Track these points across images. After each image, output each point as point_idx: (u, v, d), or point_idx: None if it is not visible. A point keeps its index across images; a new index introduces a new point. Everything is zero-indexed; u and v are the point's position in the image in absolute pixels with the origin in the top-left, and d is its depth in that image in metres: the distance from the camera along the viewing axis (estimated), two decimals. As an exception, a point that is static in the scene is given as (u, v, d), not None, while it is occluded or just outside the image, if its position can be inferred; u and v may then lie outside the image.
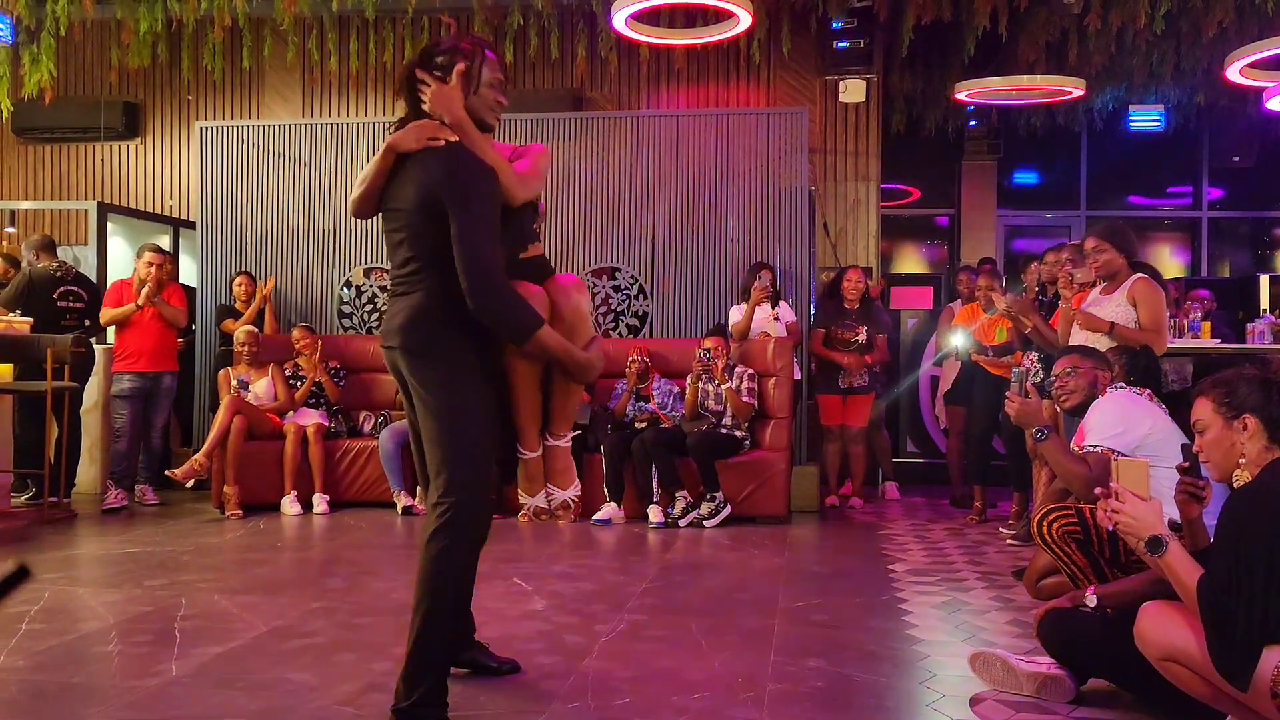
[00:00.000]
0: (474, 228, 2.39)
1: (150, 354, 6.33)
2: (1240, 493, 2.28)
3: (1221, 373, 2.45)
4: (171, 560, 4.63)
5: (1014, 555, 4.83)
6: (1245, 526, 2.14)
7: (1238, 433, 2.33)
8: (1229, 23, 7.15)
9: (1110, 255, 4.38)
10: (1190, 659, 2.22)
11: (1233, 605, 2.09)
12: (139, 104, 8.85)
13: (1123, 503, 2.32)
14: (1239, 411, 2.33)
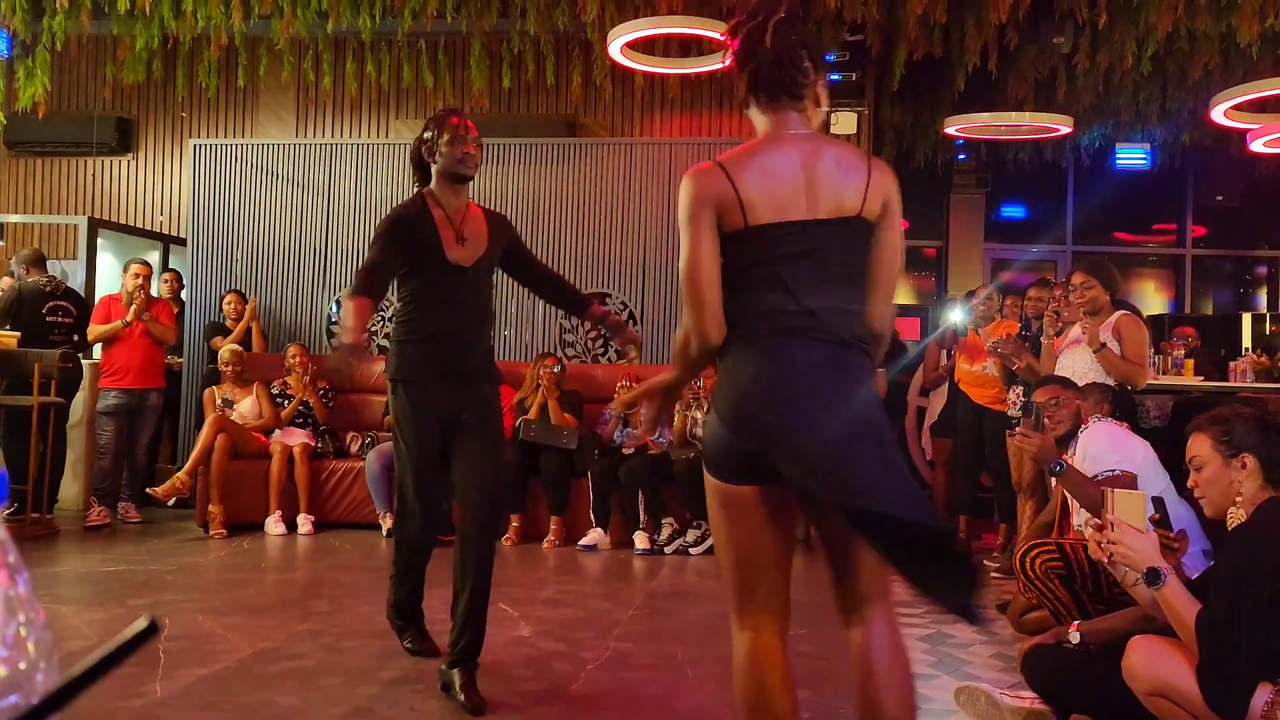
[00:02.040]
0: None
1: (137, 371, 6.31)
2: (1239, 532, 2.31)
3: (1218, 410, 2.48)
4: (155, 579, 4.61)
5: (998, 588, 4.85)
6: (1245, 565, 2.17)
7: (1236, 471, 2.36)
8: (1214, 65, 7.27)
9: (1097, 291, 4.45)
10: (1179, 694, 2.24)
11: (1232, 640, 2.12)
12: (132, 120, 8.86)
13: (1120, 534, 2.34)
14: (1238, 450, 2.35)
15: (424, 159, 3.17)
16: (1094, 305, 4.47)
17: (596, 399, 6.41)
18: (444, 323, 3.13)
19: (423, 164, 3.19)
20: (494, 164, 7.34)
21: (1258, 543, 2.21)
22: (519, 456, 5.88)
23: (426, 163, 3.16)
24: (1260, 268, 11.05)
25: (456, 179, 3.12)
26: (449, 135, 3.07)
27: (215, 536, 5.79)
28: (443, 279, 3.11)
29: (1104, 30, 6.75)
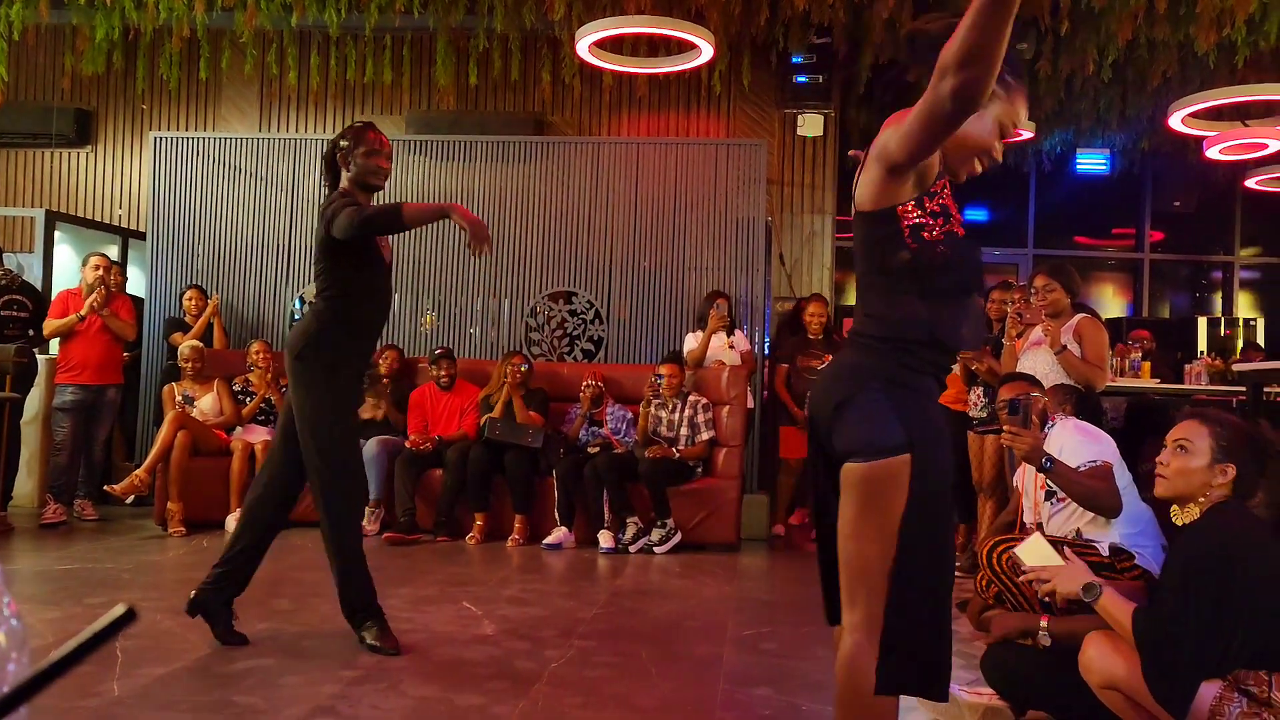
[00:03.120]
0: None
1: (95, 366, 6.22)
2: (1190, 530, 2.36)
3: (1222, 413, 2.53)
4: (112, 578, 4.54)
5: (959, 586, 4.90)
6: (1193, 564, 2.22)
7: (1216, 476, 2.38)
8: (1172, 73, 7.40)
9: (1058, 294, 4.53)
10: (1130, 688, 2.28)
11: (1177, 636, 2.16)
12: (91, 111, 8.72)
13: (1047, 577, 2.50)
14: (1228, 457, 2.38)
15: (337, 164, 3.43)
16: (1055, 308, 4.55)
17: (562, 397, 6.40)
18: (371, 312, 3.47)
19: (334, 167, 3.45)
20: (461, 161, 7.32)
21: (1205, 542, 2.26)
22: (484, 455, 5.86)
23: (339, 167, 3.43)
24: (1215, 273, 11.26)
25: (366, 188, 3.42)
26: (365, 148, 3.37)
27: (174, 534, 5.72)
28: (375, 273, 3.43)
29: (1066, 37, 6.85)
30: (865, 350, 1.88)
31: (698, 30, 6.12)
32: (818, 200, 8.30)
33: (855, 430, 1.81)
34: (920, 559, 1.78)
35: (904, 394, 1.81)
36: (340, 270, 3.40)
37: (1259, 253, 11.02)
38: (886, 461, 1.77)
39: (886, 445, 1.77)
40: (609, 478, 5.71)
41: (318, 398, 3.37)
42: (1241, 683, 2.12)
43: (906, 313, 1.83)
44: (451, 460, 5.91)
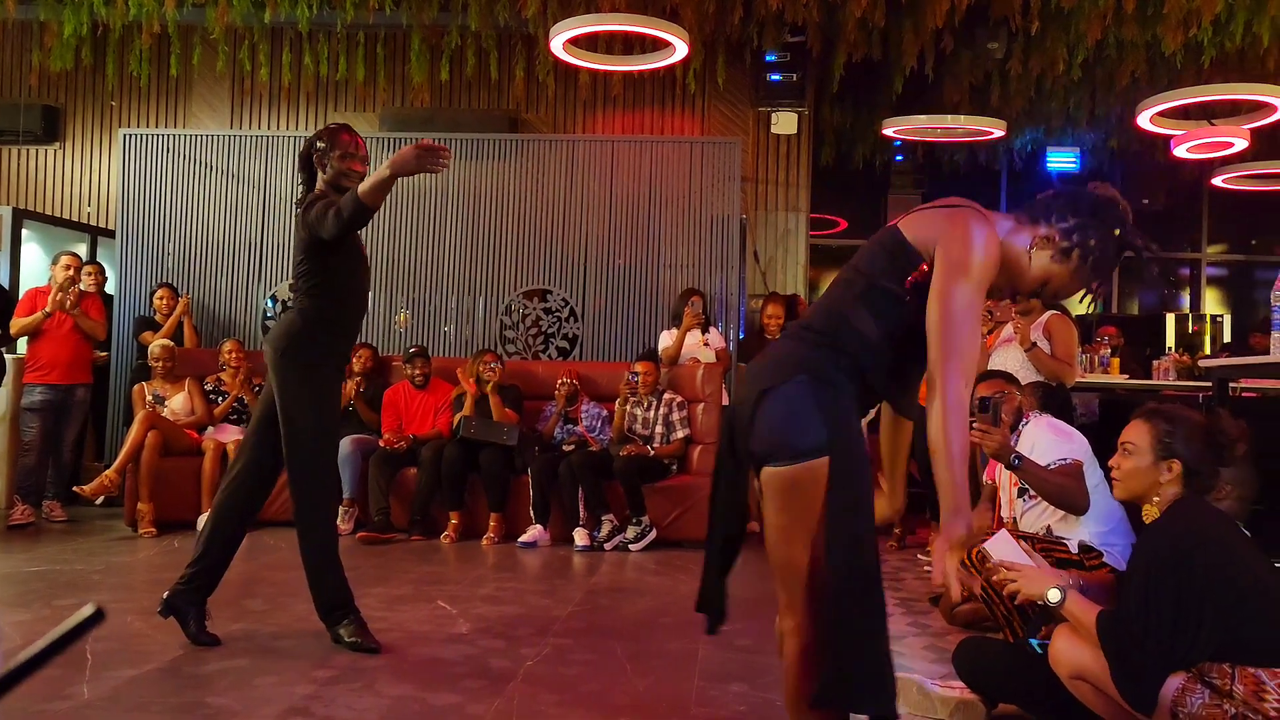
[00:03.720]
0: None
1: (64, 366, 6.15)
2: (1152, 529, 2.39)
3: (1171, 408, 2.55)
4: (82, 579, 4.50)
5: (931, 582, 4.94)
6: (1151, 565, 2.25)
7: (1162, 473, 2.43)
8: (1140, 73, 7.50)
9: (1029, 292, 4.57)
10: (1097, 679, 2.31)
11: (1140, 638, 2.19)
12: (60, 108, 8.62)
13: (1012, 575, 2.53)
14: (1170, 454, 2.42)
15: (313, 164, 3.50)
16: (1026, 305, 4.59)
17: (536, 395, 6.40)
18: (352, 310, 3.55)
19: (310, 167, 3.51)
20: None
21: (1161, 542, 2.30)
22: (459, 453, 5.85)
23: (314, 167, 3.50)
24: (1184, 269, 11.40)
25: (340, 190, 3.42)
26: (340, 151, 3.44)
27: (144, 535, 5.67)
28: (357, 270, 3.51)
29: (1036, 37, 6.92)
30: (800, 342, 1.88)
31: (672, 28, 6.14)
32: (792, 198, 8.34)
33: (774, 427, 1.80)
34: (845, 564, 1.75)
35: (829, 391, 1.80)
36: (325, 269, 3.42)
37: (1225, 250, 11.18)
38: (806, 465, 1.76)
39: (806, 447, 1.77)
40: (584, 475, 5.71)
41: (300, 395, 3.39)
42: (1205, 674, 2.15)
43: (866, 327, 1.84)
44: (426, 459, 5.89)
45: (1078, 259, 1.89)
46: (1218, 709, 2.09)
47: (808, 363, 1.82)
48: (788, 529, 1.80)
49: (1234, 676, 2.12)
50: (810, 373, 1.80)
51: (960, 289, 1.77)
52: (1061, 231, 1.90)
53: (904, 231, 1.87)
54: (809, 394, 1.79)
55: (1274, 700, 2.08)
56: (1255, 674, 2.11)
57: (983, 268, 1.80)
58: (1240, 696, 2.09)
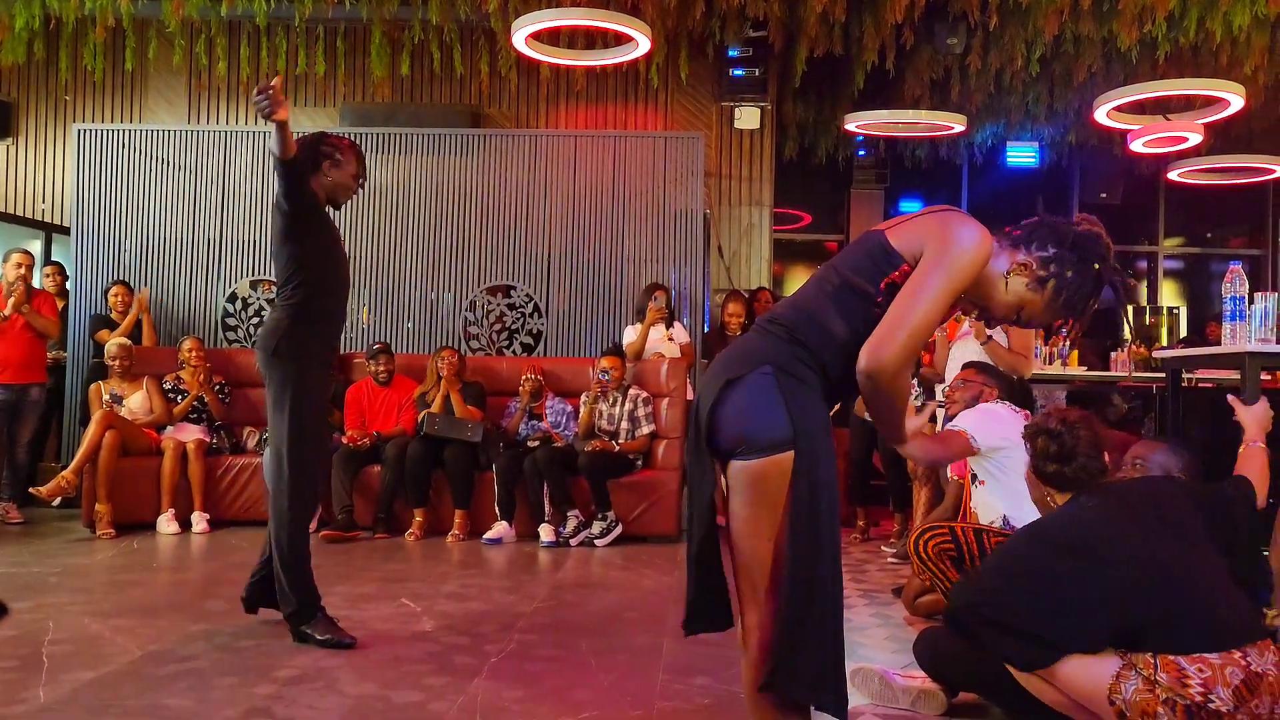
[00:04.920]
0: None
1: (17, 365, 6.05)
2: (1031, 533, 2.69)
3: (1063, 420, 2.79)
4: (38, 582, 4.42)
5: (894, 573, 4.99)
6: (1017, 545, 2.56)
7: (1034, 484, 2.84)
8: (1098, 68, 7.59)
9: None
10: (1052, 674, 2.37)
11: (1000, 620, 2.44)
12: (11, 103, 8.45)
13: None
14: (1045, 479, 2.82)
15: (314, 159, 3.55)
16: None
17: (500, 391, 6.38)
18: (336, 305, 3.61)
19: (307, 161, 3.54)
20: (397, 154, 7.23)
21: (1035, 531, 2.64)
22: (423, 450, 5.82)
23: (312, 165, 3.54)
24: (1141, 262, 11.56)
25: (330, 203, 3.61)
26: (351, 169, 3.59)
27: (103, 536, 5.59)
28: (338, 265, 3.60)
29: (995, 32, 6.99)
30: (766, 335, 1.87)
31: (634, 23, 6.12)
32: (755, 193, 8.37)
33: (738, 419, 1.79)
34: (802, 559, 1.75)
35: (794, 384, 1.79)
36: (303, 265, 3.47)
37: (1182, 243, 11.35)
38: (773, 459, 1.75)
39: (770, 441, 1.76)
40: (549, 471, 5.71)
41: (292, 394, 3.44)
42: (1134, 664, 2.24)
43: (833, 325, 1.83)
44: (390, 456, 5.86)
45: (1052, 290, 1.90)
46: (1149, 694, 2.17)
47: (773, 355, 1.82)
48: (753, 522, 1.79)
49: (1156, 666, 2.20)
50: (775, 364, 1.80)
51: (938, 274, 1.76)
52: (1040, 260, 1.90)
53: (889, 238, 1.87)
54: (773, 386, 1.78)
55: (1196, 685, 2.17)
56: (1175, 661, 2.21)
57: (969, 259, 1.79)
58: (1165, 684, 2.17)
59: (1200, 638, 2.22)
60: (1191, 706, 2.15)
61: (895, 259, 1.83)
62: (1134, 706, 2.18)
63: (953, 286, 1.78)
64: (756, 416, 1.78)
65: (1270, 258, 10.67)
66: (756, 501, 1.78)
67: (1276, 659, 2.22)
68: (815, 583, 1.76)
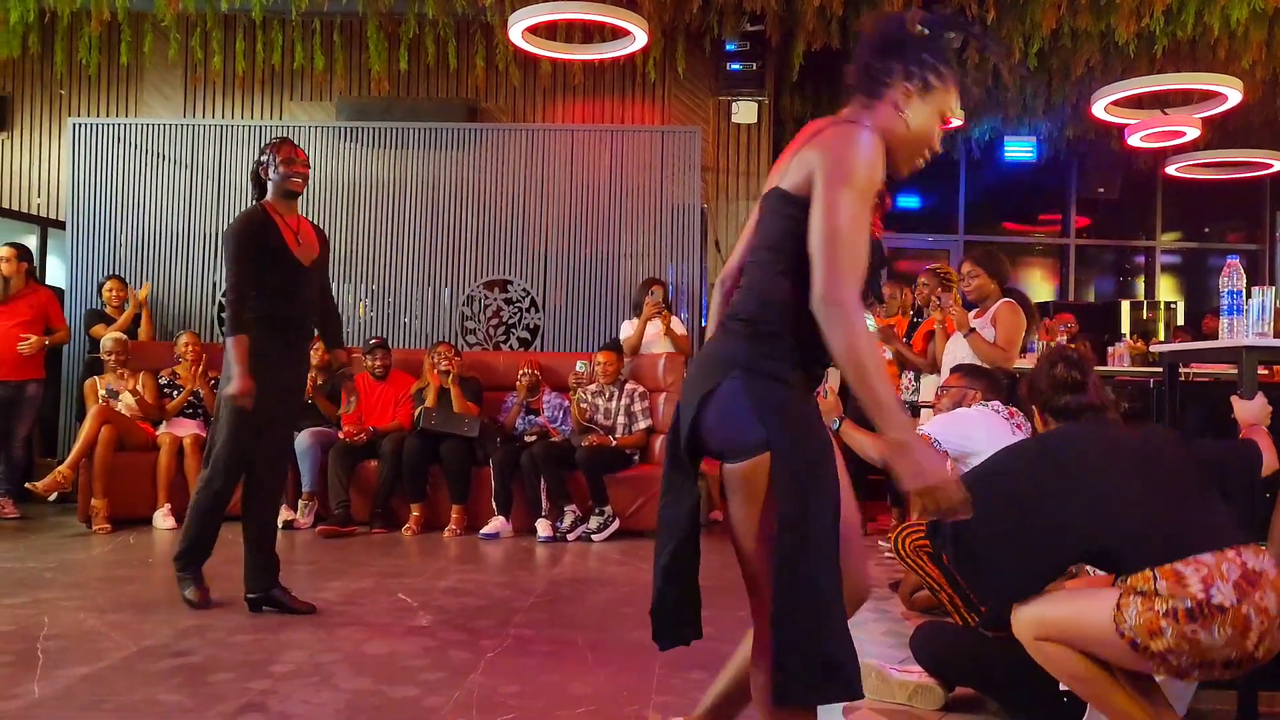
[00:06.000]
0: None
1: (13, 361, 6.03)
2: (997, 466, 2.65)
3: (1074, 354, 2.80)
4: (33, 577, 4.41)
5: (891, 568, 4.99)
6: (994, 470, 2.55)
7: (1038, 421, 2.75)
8: (1095, 62, 7.58)
9: (982, 280, 4.62)
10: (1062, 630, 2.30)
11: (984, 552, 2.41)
12: (7, 96, 8.42)
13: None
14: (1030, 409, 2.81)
15: (261, 178, 3.90)
16: (981, 293, 4.64)
17: (497, 386, 6.37)
18: (289, 311, 3.81)
19: (260, 181, 3.91)
20: (393, 148, 7.22)
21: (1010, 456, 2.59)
22: (420, 445, 5.81)
23: (264, 180, 3.89)
24: (1138, 257, 11.57)
25: (288, 195, 3.87)
26: (282, 157, 3.85)
27: (99, 532, 5.58)
28: (288, 273, 3.79)
29: (992, 26, 6.97)
30: (731, 337, 1.85)
31: (631, 17, 6.11)
32: (753, 187, 8.35)
33: (718, 428, 1.78)
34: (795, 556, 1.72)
35: (764, 384, 1.77)
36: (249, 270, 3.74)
37: (1179, 238, 11.35)
38: (754, 461, 1.74)
39: (748, 444, 1.74)
40: (546, 466, 5.70)
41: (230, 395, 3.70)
42: (1132, 587, 2.19)
43: (788, 294, 1.78)
44: (387, 451, 5.85)
45: (937, 81, 1.88)
46: (1151, 611, 2.14)
47: (740, 357, 1.79)
48: (746, 523, 1.79)
49: (1155, 577, 2.16)
50: (743, 367, 1.78)
51: (844, 197, 1.71)
52: (905, 76, 1.87)
53: (781, 186, 1.84)
54: (742, 391, 1.76)
55: (1195, 583, 2.13)
56: (1171, 568, 2.16)
57: (867, 167, 1.75)
58: (1166, 592, 2.14)
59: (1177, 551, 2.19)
60: (1193, 607, 2.11)
61: (803, 204, 1.78)
62: (1140, 629, 2.14)
63: (866, 198, 1.74)
64: (732, 425, 1.76)
65: (1268, 252, 10.68)
66: (749, 503, 1.77)
67: (1273, 561, 2.19)
68: (803, 581, 1.73)
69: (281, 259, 3.77)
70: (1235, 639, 2.09)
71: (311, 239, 3.93)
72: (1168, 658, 2.14)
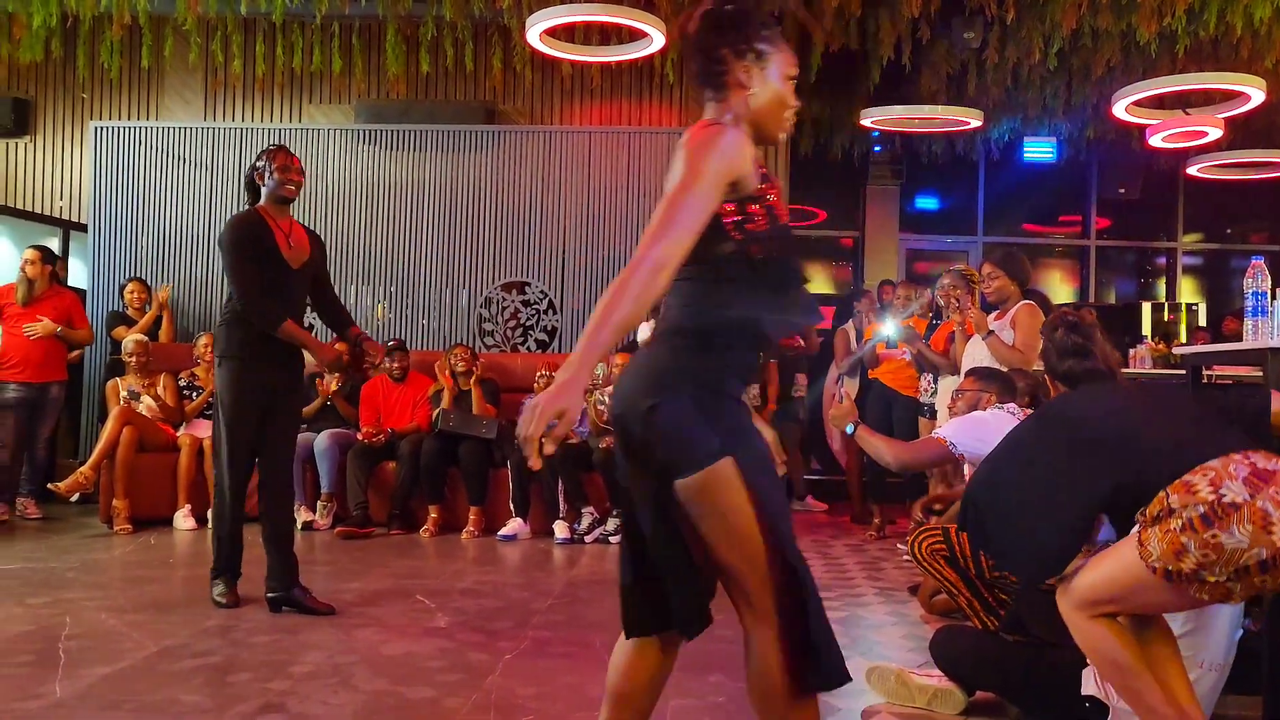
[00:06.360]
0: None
1: (37, 363, 6.08)
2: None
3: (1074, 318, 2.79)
4: (55, 577, 4.45)
5: (910, 571, 4.96)
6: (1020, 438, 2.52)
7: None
8: (1116, 62, 7.52)
9: (1003, 282, 4.60)
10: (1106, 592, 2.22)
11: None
12: (30, 100, 8.49)
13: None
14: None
15: (255, 183, 4.00)
16: (1001, 294, 4.62)
17: (515, 388, 6.37)
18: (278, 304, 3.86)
19: (254, 186, 4.01)
20: (412, 151, 7.24)
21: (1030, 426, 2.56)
22: (438, 447, 5.82)
23: (258, 185, 3.99)
24: (1160, 259, 11.48)
25: (282, 200, 3.97)
26: (278, 165, 3.95)
27: (120, 532, 5.62)
28: (278, 275, 3.87)
29: (1012, 26, 6.93)
30: (673, 351, 1.84)
31: (648, 18, 6.10)
32: (770, 189, 8.32)
33: (670, 442, 1.77)
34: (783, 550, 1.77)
35: (710, 398, 1.78)
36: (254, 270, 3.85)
37: (1201, 239, 11.26)
38: (710, 470, 1.75)
39: (703, 454, 1.75)
40: (564, 468, 5.70)
41: (229, 396, 3.85)
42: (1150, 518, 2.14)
43: (723, 302, 1.81)
44: (405, 453, 5.86)
45: (767, 45, 1.93)
46: (1170, 532, 2.08)
47: (686, 373, 1.80)
48: (714, 535, 1.79)
49: (1167, 495, 2.12)
50: (691, 384, 1.78)
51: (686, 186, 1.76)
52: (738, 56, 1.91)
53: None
54: (693, 405, 1.77)
55: (1205, 487, 2.08)
56: (1182, 481, 2.12)
57: (716, 162, 1.78)
58: (1179, 504, 2.10)
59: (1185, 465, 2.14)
60: (1206, 511, 2.05)
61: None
62: (1166, 554, 2.07)
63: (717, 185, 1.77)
64: (684, 438, 1.76)
65: (1291, 253, 10.57)
66: (706, 516, 1.78)
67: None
68: (796, 572, 1.78)
69: (273, 261, 3.87)
70: (1258, 535, 2.01)
71: (303, 242, 4.01)
72: (1202, 575, 2.05)
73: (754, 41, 1.92)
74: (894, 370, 6.07)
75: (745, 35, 1.92)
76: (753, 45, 1.92)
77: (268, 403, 3.88)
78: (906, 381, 5.93)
